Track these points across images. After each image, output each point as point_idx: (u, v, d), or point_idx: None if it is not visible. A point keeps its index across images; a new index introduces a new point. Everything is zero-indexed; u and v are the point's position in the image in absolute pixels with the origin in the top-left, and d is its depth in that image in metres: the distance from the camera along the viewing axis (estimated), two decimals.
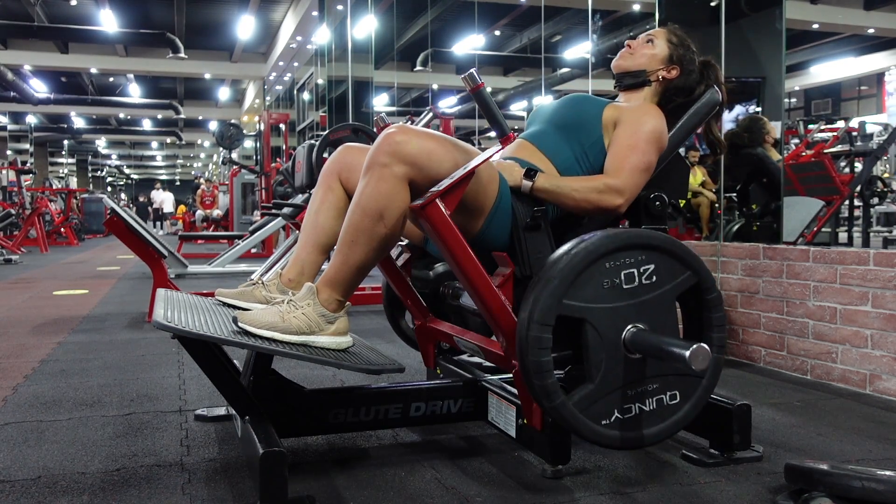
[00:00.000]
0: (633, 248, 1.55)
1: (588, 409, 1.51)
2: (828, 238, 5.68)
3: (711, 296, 1.63)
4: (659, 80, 1.91)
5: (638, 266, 1.56)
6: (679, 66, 1.91)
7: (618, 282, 1.54)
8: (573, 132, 1.84)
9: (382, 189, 1.56)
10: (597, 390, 1.53)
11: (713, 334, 1.63)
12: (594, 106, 1.86)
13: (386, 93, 16.22)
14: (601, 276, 1.53)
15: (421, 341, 2.17)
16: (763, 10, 3.34)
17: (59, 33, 14.20)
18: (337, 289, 1.62)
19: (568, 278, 1.49)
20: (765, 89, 3.40)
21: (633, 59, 1.93)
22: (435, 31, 13.36)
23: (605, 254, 1.52)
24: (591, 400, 1.52)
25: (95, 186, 30.57)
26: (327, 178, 1.85)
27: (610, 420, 1.54)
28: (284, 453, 1.42)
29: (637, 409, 1.57)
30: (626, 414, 1.56)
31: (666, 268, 1.59)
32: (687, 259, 1.60)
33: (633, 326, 1.54)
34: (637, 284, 1.56)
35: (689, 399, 1.62)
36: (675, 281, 1.60)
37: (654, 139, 1.78)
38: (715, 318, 1.63)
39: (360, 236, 1.59)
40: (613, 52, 2.00)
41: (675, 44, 1.92)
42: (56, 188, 15.10)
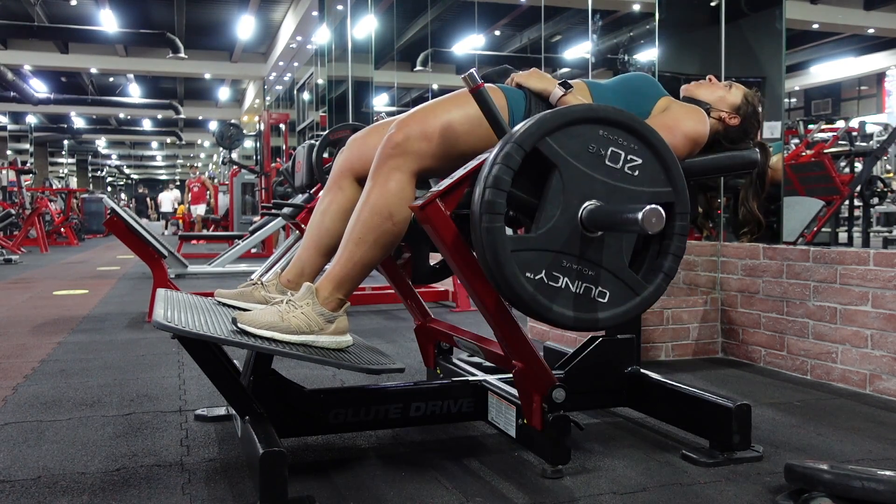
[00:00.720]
0: (633, 134, 1.52)
1: (519, 253, 1.46)
2: (828, 238, 5.68)
3: (680, 222, 1.58)
4: (718, 119, 1.92)
5: (628, 152, 1.52)
6: (742, 119, 1.92)
7: (603, 153, 1.51)
8: (628, 95, 1.86)
9: (391, 188, 1.61)
10: (535, 240, 1.48)
11: (666, 262, 1.58)
12: (657, 90, 1.90)
13: (386, 93, 16.21)
14: (591, 139, 1.49)
15: (421, 341, 2.17)
16: (763, 10, 3.34)
17: (59, 33, 14.20)
18: (340, 287, 1.63)
19: (560, 119, 1.46)
20: (765, 89, 3.40)
21: (707, 90, 1.95)
22: (435, 31, 13.36)
23: (605, 120, 1.50)
24: (526, 245, 1.47)
25: (95, 186, 30.58)
26: (337, 178, 1.86)
27: (533, 276, 1.47)
28: (284, 453, 1.42)
29: (563, 282, 1.50)
30: (550, 280, 1.49)
31: (652, 170, 1.55)
32: (674, 174, 1.56)
33: (596, 202, 1.50)
34: (618, 167, 1.52)
35: (614, 305, 1.55)
36: (654, 188, 1.55)
37: (692, 136, 1.79)
38: (674, 247, 1.58)
39: (368, 234, 1.61)
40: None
41: (749, 102, 1.93)
42: (56, 188, 15.10)
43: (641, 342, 2.89)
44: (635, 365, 2.04)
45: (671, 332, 2.98)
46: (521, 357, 1.61)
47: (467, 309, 4.32)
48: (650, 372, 2.04)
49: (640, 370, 2.03)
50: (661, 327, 2.96)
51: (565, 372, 1.97)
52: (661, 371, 2.12)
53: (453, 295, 4.59)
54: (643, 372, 2.03)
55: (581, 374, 1.98)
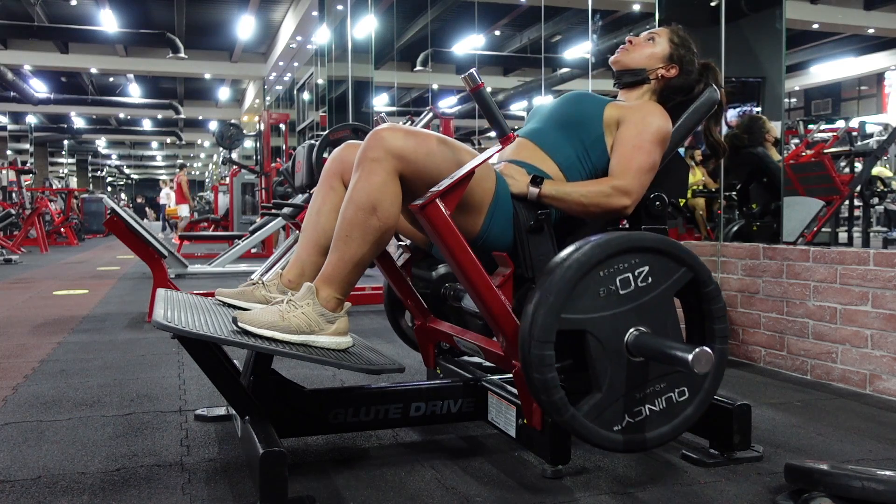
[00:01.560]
0: (626, 253, 1.55)
1: (598, 418, 1.52)
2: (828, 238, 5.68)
3: (709, 288, 1.62)
4: (658, 79, 1.91)
5: (633, 270, 1.55)
6: (679, 65, 1.91)
7: (614, 288, 1.54)
8: (574, 130, 1.84)
9: (374, 182, 1.58)
10: (605, 398, 1.53)
11: (715, 325, 1.63)
12: (595, 104, 1.86)
13: (386, 93, 16.22)
14: (597, 285, 1.52)
15: (421, 341, 2.17)
16: (763, 10, 3.34)
17: (59, 33, 14.19)
18: (335, 286, 1.62)
19: (563, 292, 1.48)
20: (765, 89, 3.40)
21: (632, 55, 1.93)
22: (435, 31, 13.35)
23: (597, 263, 1.52)
24: (601, 408, 1.52)
25: (95, 186, 30.55)
26: (329, 178, 1.86)
27: (621, 425, 1.54)
28: (284, 453, 1.42)
29: (647, 410, 1.57)
30: (637, 417, 1.56)
31: (661, 267, 1.58)
32: (680, 256, 1.59)
33: (635, 330, 1.54)
34: (633, 288, 1.56)
35: (697, 394, 1.62)
36: (672, 279, 1.59)
37: (659, 139, 1.78)
38: (715, 310, 1.63)
39: (354, 231, 1.60)
40: (613, 52, 2.00)
41: (676, 43, 1.92)
42: (56, 188, 15.09)
43: None
44: None
45: None
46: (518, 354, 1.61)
47: None
48: None
49: None
50: None
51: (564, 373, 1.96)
52: None
53: None
54: None
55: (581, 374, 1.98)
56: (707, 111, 1.91)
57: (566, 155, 1.82)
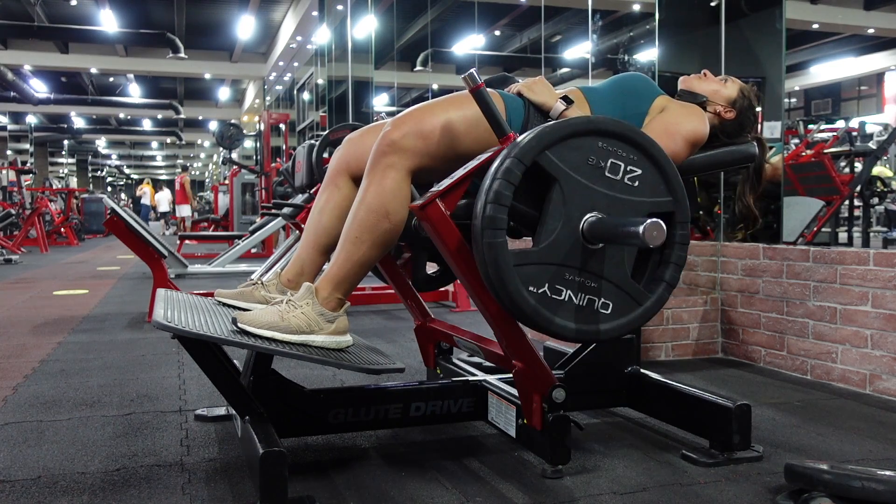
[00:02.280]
0: (632, 145, 1.53)
1: (521, 268, 1.46)
2: (828, 238, 5.68)
3: (682, 231, 1.58)
4: (714, 113, 1.91)
5: (627, 163, 1.53)
6: (738, 113, 1.92)
7: (602, 165, 1.51)
8: (622, 97, 1.85)
9: (387, 186, 1.60)
10: (537, 254, 1.48)
11: (668, 271, 1.58)
12: (652, 89, 1.89)
13: (386, 93, 16.21)
14: (590, 151, 1.50)
15: (421, 341, 2.17)
16: (763, 10, 3.34)
17: (59, 33, 14.19)
18: (339, 287, 1.63)
19: (560, 132, 1.47)
20: (765, 89, 3.40)
21: (703, 83, 1.95)
22: (435, 31, 13.35)
23: (604, 132, 1.50)
24: (528, 260, 1.47)
25: (95, 186, 30.54)
26: (334, 176, 1.86)
27: (536, 290, 1.48)
28: (284, 453, 1.42)
29: (566, 295, 1.51)
30: (554, 293, 1.50)
31: (651, 180, 1.55)
32: (674, 183, 1.57)
33: (597, 214, 1.50)
34: (618, 179, 1.52)
35: (617, 316, 1.56)
36: (654, 198, 1.55)
37: (692, 138, 1.79)
38: (675, 256, 1.58)
39: (364, 233, 1.61)
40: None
41: (744, 96, 1.93)
42: (56, 188, 15.09)
43: (641, 342, 2.89)
44: (635, 365, 2.04)
45: (671, 332, 2.98)
46: (521, 357, 1.61)
47: (467, 309, 4.32)
48: (650, 372, 2.04)
49: (640, 370, 2.04)
50: (661, 327, 2.96)
51: (565, 372, 1.97)
52: (660, 371, 2.12)
53: (453, 295, 4.59)
54: (643, 372, 2.03)
55: (581, 374, 1.98)
56: (740, 159, 1.89)
57: (605, 113, 1.82)
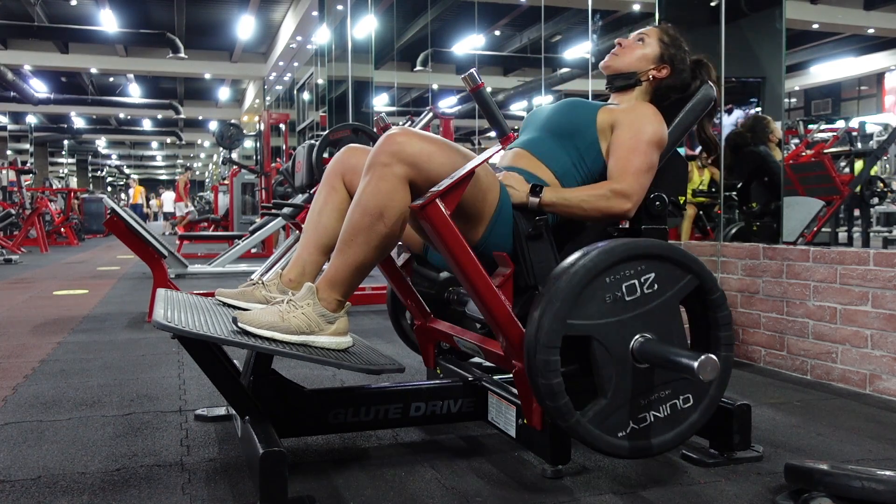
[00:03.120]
0: (632, 260, 1.55)
1: (603, 423, 1.52)
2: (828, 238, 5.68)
3: (715, 296, 1.62)
4: (650, 80, 1.91)
5: (638, 276, 1.55)
6: (670, 65, 1.91)
7: (620, 294, 1.54)
8: (568, 137, 1.84)
9: (383, 188, 1.57)
10: (610, 404, 1.53)
11: (720, 333, 1.63)
12: (587, 110, 1.86)
13: (386, 93, 16.22)
14: (603, 292, 1.52)
15: (421, 341, 2.17)
16: (763, 10, 3.34)
17: (59, 33, 14.20)
18: (337, 288, 1.62)
19: (570, 298, 1.48)
20: (765, 89, 3.40)
21: (622, 59, 1.93)
22: (435, 31, 13.35)
23: (604, 269, 1.52)
24: (606, 414, 1.52)
25: (95, 186, 30.54)
26: (331, 178, 1.85)
27: (626, 431, 1.54)
28: (284, 453, 1.42)
29: (651, 416, 1.57)
30: (641, 423, 1.56)
31: (667, 274, 1.58)
32: (687, 263, 1.60)
33: (640, 336, 1.54)
34: (639, 295, 1.56)
35: (701, 401, 1.62)
36: (677, 286, 1.59)
37: (655, 140, 1.78)
38: (720, 318, 1.63)
39: (359, 235, 1.59)
40: None
41: (666, 43, 1.91)
42: (56, 188, 15.09)
43: None
44: None
45: None
46: (521, 357, 1.61)
47: None
48: None
49: None
50: None
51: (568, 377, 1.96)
52: None
53: None
54: None
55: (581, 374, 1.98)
56: (703, 109, 1.90)
57: (561, 162, 1.82)
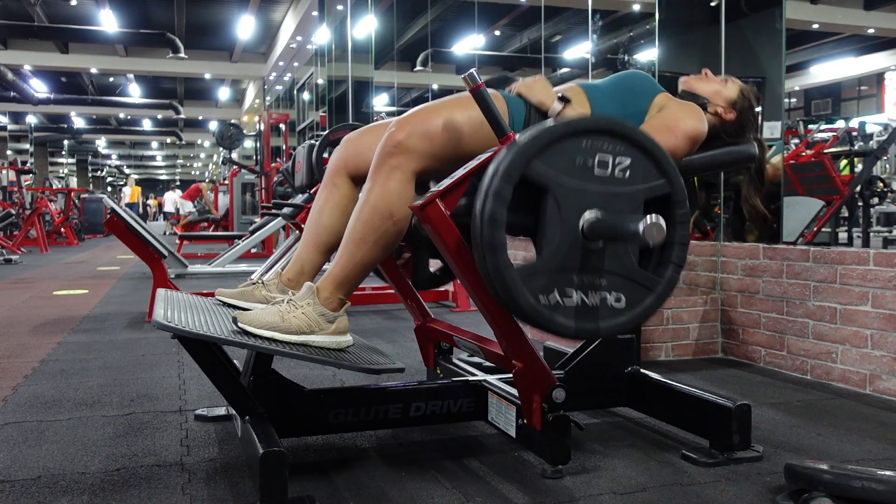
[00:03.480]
0: (615, 136, 1.51)
1: (528, 279, 1.45)
2: (828, 238, 5.68)
3: (680, 210, 1.57)
4: (715, 114, 1.91)
5: (615, 155, 1.51)
6: (738, 114, 1.92)
7: (591, 163, 1.50)
8: (624, 95, 1.85)
9: (392, 188, 1.60)
10: (542, 264, 1.47)
11: (673, 252, 1.58)
12: (653, 86, 1.89)
13: (386, 93, 16.21)
14: (575, 153, 1.48)
15: (421, 341, 2.17)
16: (763, 10, 3.34)
17: (59, 33, 14.19)
18: (341, 287, 1.63)
19: (542, 139, 1.45)
20: (765, 89, 3.40)
21: (704, 85, 1.95)
22: (435, 31, 13.34)
23: (585, 130, 1.48)
24: (534, 271, 1.46)
25: (95, 186, 30.54)
26: (332, 175, 1.86)
27: (547, 298, 1.47)
28: (284, 453, 1.42)
29: (579, 298, 1.50)
30: (565, 298, 1.49)
31: (641, 167, 1.54)
32: (664, 165, 1.55)
33: (595, 212, 1.49)
34: (608, 174, 1.51)
35: (633, 307, 1.55)
36: (647, 184, 1.54)
37: (692, 133, 1.78)
38: (679, 235, 1.57)
39: (369, 234, 1.61)
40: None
41: (744, 97, 1.93)
42: (56, 188, 15.09)
43: (641, 342, 2.89)
44: (635, 365, 2.04)
45: (671, 332, 2.98)
46: (520, 357, 1.61)
47: (467, 309, 4.32)
48: (650, 372, 2.04)
49: (640, 370, 2.04)
50: (661, 327, 2.96)
51: (565, 372, 1.97)
52: (660, 371, 2.12)
53: (453, 295, 4.59)
54: (643, 372, 2.03)
55: (581, 374, 1.98)
56: (740, 159, 1.88)
57: (606, 111, 1.82)
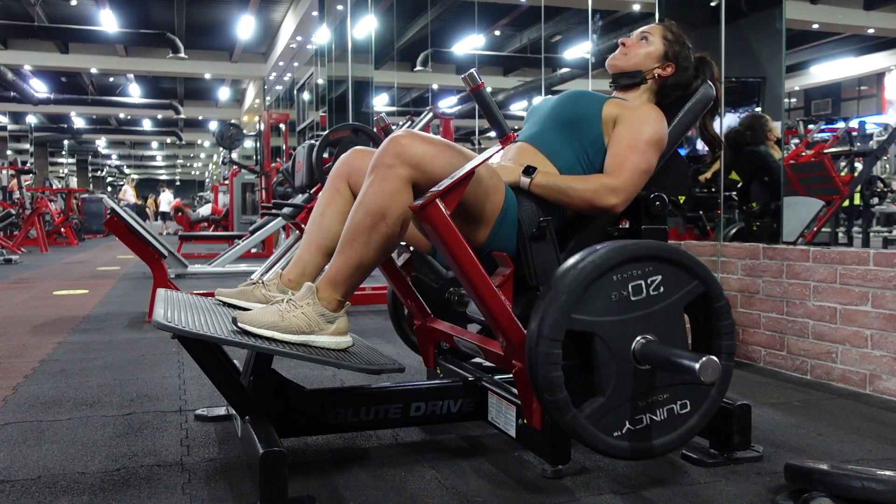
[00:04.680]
0: (641, 260, 1.55)
1: (599, 422, 1.51)
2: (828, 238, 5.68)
3: (719, 304, 1.62)
4: (655, 78, 1.92)
5: (646, 277, 1.55)
6: (675, 62, 1.92)
7: (626, 294, 1.54)
8: (572, 130, 1.84)
9: (386, 189, 1.57)
10: (608, 403, 1.52)
11: (722, 342, 1.63)
12: (593, 102, 1.86)
13: (386, 93, 16.22)
14: (609, 289, 1.52)
15: (421, 341, 2.17)
16: (763, 10, 3.34)
17: (59, 33, 14.20)
18: (337, 288, 1.63)
19: (576, 293, 1.48)
20: (765, 89, 3.40)
21: (628, 58, 1.94)
22: (435, 31, 13.35)
23: (612, 267, 1.52)
24: (603, 412, 1.52)
25: (95, 186, 30.54)
26: (335, 180, 1.86)
27: (622, 431, 1.54)
28: (284, 453, 1.42)
29: (648, 419, 1.57)
30: (637, 425, 1.56)
31: (673, 278, 1.58)
32: (694, 269, 1.60)
33: (643, 338, 1.54)
34: (645, 296, 1.55)
35: (699, 407, 1.62)
36: (683, 291, 1.59)
37: (655, 141, 1.78)
38: (723, 326, 1.63)
39: (361, 235, 1.60)
40: (613, 51, 1.99)
41: (670, 41, 1.92)
42: (56, 188, 15.09)
43: None
44: None
45: None
46: (521, 357, 1.61)
47: None
48: None
49: None
50: None
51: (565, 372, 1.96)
52: None
53: None
54: None
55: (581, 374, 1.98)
56: (703, 108, 1.91)
57: (565, 157, 1.83)
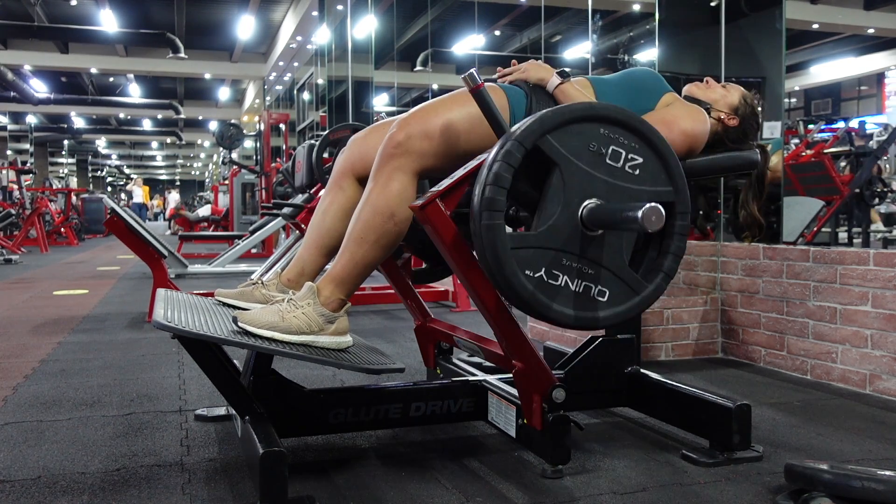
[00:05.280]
0: (634, 133, 1.52)
1: (518, 251, 1.45)
2: (828, 238, 5.68)
3: (681, 222, 1.57)
4: (718, 121, 1.91)
5: (629, 151, 1.52)
6: (741, 120, 1.92)
7: (604, 152, 1.50)
8: (631, 93, 1.86)
9: (393, 188, 1.61)
10: (535, 238, 1.47)
11: (665, 262, 1.57)
12: (661, 85, 1.90)
13: (386, 93, 16.22)
14: (592, 138, 1.49)
15: (421, 341, 2.17)
16: (763, 10, 3.34)
17: (59, 33, 14.20)
18: (341, 287, 1.63)
19: (561, 117, 1.47)
20: (765, 89, 3.40)
21: (706, 91, 1.95)
22: (435, 31, 13.35)
23: (606, 118, 1.50)
24: (526, 243, 1.46)
25: (95, 186, 30.54)
26: (338, 178, 1.86)
27: (532, 274, 1.47)
28: (284, 453, 1.42)
29: (563, 281, 1.50)
30: (550, 278, 1.49)
31: (652, 169, 1.54)
32: (675, 173, 1.56)
33: (596, 201, 1.49)
34: (619, 166, 1.52)
35: (614, 304, 1.54)
36: (655, 187, 1.55)
37: (690, 134, 1.79)
38: (674, 247, 1.57)
39: (369, 234, 1.61)
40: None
41: (746, 103, 1.93)
42: (56, 188, 15.08)
43: (641, 342, 2.89)
44: (635, 365, 2.04)
45: (671, 332, 2.98)
46: (521, 357, 1.61)
47: (467, 309, 4.32)
48: (650, 372, 2.04)
49: (640, 370, 2.04)
50: (661, 327, 2.96)
51: (565, 372, 1.97)
52: (660, 371, 2.12)
53: (453, 295, 4.59)
54: (643, 372, 2.03)
55: (581, 374, 1.98)
56: (742, 165, 1.87)
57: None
